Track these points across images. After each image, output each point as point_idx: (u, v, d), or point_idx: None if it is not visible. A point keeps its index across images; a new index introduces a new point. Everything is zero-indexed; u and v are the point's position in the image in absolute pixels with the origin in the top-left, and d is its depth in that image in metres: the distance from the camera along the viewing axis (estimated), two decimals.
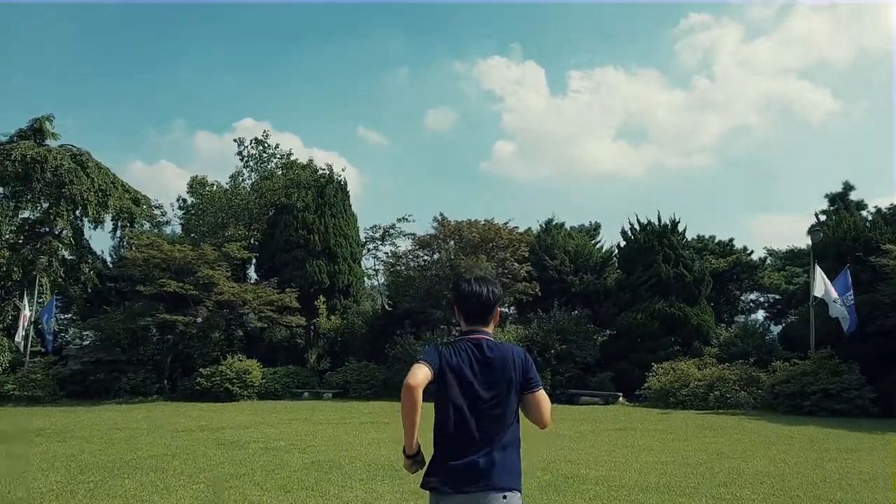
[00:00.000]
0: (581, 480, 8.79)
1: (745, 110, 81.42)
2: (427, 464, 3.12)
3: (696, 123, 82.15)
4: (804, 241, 36.93)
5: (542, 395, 3.21)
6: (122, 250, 27.24)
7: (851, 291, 19.23)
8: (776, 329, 26.24)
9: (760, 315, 36.73)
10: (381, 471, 9.37)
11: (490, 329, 3.29)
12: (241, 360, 25.16)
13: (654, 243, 25.58)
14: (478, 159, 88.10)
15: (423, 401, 2.95)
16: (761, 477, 9.05)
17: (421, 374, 3.00)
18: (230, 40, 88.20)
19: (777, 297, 35.30)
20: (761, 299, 37.31)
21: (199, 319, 25.59)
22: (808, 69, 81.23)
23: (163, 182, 73.07)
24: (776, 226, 73.21)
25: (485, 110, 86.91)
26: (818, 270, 20.06)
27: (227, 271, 26.27)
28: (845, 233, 22.20)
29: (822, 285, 19.82)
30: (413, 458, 3.10)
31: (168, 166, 77.41)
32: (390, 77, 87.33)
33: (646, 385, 22.08)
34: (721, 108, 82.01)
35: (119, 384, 24.70)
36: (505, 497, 2.96)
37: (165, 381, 26.31)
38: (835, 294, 19.44)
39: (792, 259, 36.52)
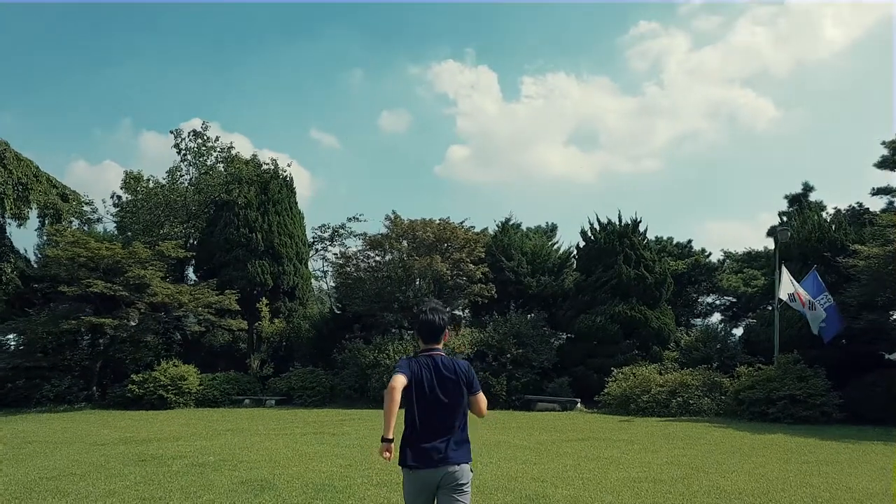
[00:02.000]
0: (549, 501, 7.87)
1: (694, 116, 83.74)
2: (401, 449, 4.14)
3: (646, 129, 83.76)
4: (761, 244, 37.13)
5: (481, 396, 4.35)
6: (47, 249, 25.39)
7: (826, 293, 18.83)
8: (737, 332, 25.78)
9: (716, 318, 36.67)
10: (320, 492, 8.31)
11: (440, 346, 4.37)
12: (176, 366, 23.77)
13: (615, 243, 24.94)
14: (432, 163, 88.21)
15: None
16: (745, 496, 8.25)
17: (401, 381, 3.98)
18: (181, 40, 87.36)
19: (733, 299, 35.20)
20: (717, 302, 37.21)
21: (132, 323, 24.06)
22: (751, 78, 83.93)
23: (106, 181, 71.90)
24: (725, 231, 75.06)
25: (439, 114, 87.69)
26: (785, 272, 19.61)
27: (160, 271, 24.77)
28: (810, 233, 21.86)
29: (788, 287, 19.38)
30: (388, 443, 3.98)
31: (112, 166, 75.53)
32: (345, 79, 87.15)
33: (605, 391, 21.40)
34: (670, 115, 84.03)
35: (41, 392, 23.05)
36: (460, 466, 4.13)
37: (94, 388, 24.73)
38: (805, 296, 18.99)
39: (749, 262, 36.49)
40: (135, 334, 24.46)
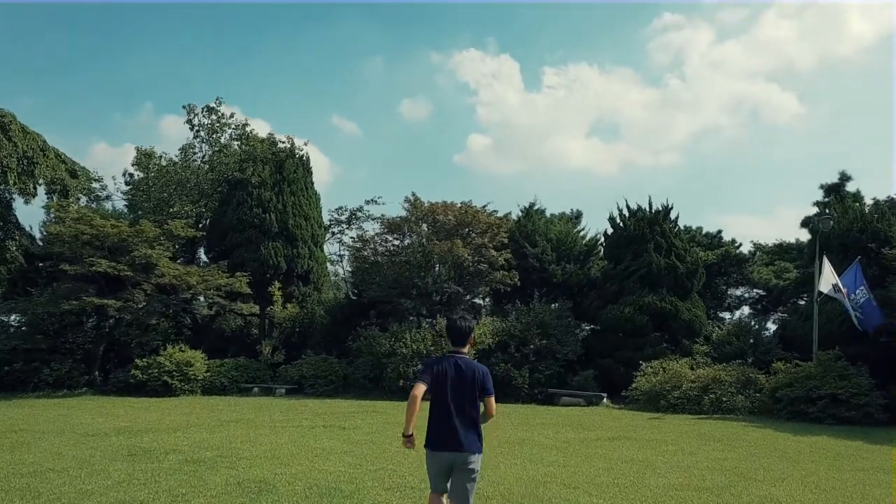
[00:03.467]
0: None
1: (715, 111, 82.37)
2: (427, 432, 5.14)
3: (667, 122, 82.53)
4: (793, 236, 35.90)
5: (491, 399, 5.15)
6: (51, 225, 24.73)
7: (865, 286, 17.73)
8: (770, 327, 24.66)
9: (744, 312, 35.50)
10: (325, 496, 7.48)
11: (466, 350, 5.27)
12: (182, 351, 23.06)
13: (645, 231, 23.90)
14: (452, 151, 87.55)
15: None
16: None
17: (421, 389, 4.97)
18: (204, 26, 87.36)
19: (762, 293, 34.00)
20: (746, 295, 36.00)
21: (141, 304, 23.33)
22: (775, 73, 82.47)
23: (125, 164, 71.36)
24: (743, 227, 73.70)
25: (460, 103, 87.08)
26: (827, 263, 18.49)
27: (169, 251, 24.07)
28: (851, 223, 20.70)
29: (830, 279, 18.28)
30: (409, 437, 5.14)
31: (132, 149, 74.90)
32: (366, 66, 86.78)
33: (633, 386, 20.45)
34: (691, 108, 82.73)
35: (40, 376, 22.45)
36: (472, 454, 5.04)
37: (97, 373, 24.10)
38: (845, 291, 17.90)
39: (780, 254, 35.27)
40: (140, 317, 23.78)
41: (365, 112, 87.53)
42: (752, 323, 23.28)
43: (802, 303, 30.36)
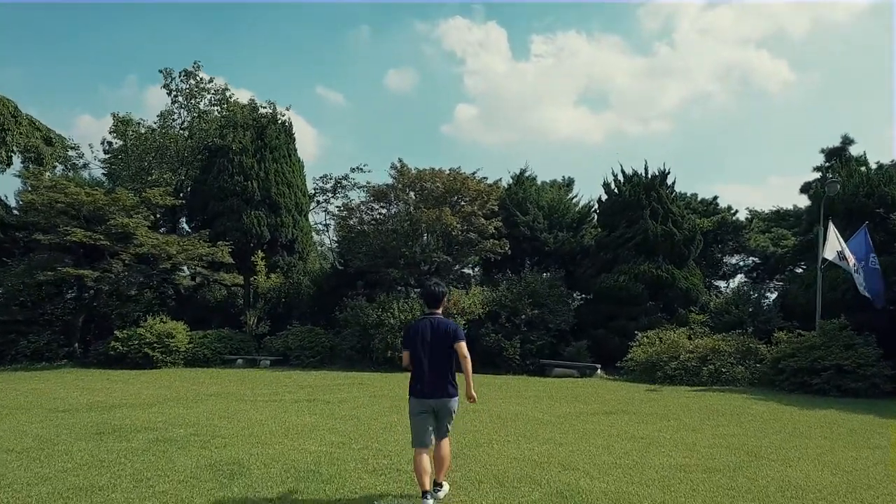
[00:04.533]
0: (585, 498, 6.39)
1: (705, 78, 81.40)
2: (410, 382, 6.15)
3: (656, 90, 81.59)
4: (789, 202, 35.32)
5: (462, 344, 6.03)
6: (24, 194, 23.85)
7: (873, 254, 17.18)
8: (770, 296, 24.11)
9: (739, 280, 35.09)
10: (303, 480, 6.86)
11: (439, 310, 6.32)
12: (163, 322, 22.38)
13: (641, 197, 23.25)
14: (439, 122, 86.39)
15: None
16: (826, 494, 6.79)
17: (406, 356, 6.19)
18: None
19: (757, 260, 33.54)
20: (741, 263, 35.54)
21: (120, 275, 22.57)
22: (765, 39, 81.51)
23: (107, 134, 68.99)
24: (734, 195, 73.18)
25: (447, 72, 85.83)
26: (832, 229, 17.91)
27: (147, 220, 23.26)
28: (857, 187, 20.09)
29: (835, 245, 17.71)
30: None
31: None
32: (351, 36, 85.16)
33: (629, 356, 19.90)
34: (681, 75, 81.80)
35: (17, 348, 21.76)
36: (453, 399, 6.06)
37: (77, 345, 23.41)
38: (852, 258, 17.34)
39: (777, 221, 34.78)
40: (119, 287, 23.05)
41: (350, 82, 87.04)
42: (752, 291, 22.68)
43: (800, 271, 29.98)
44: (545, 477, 7.18)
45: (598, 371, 20.39)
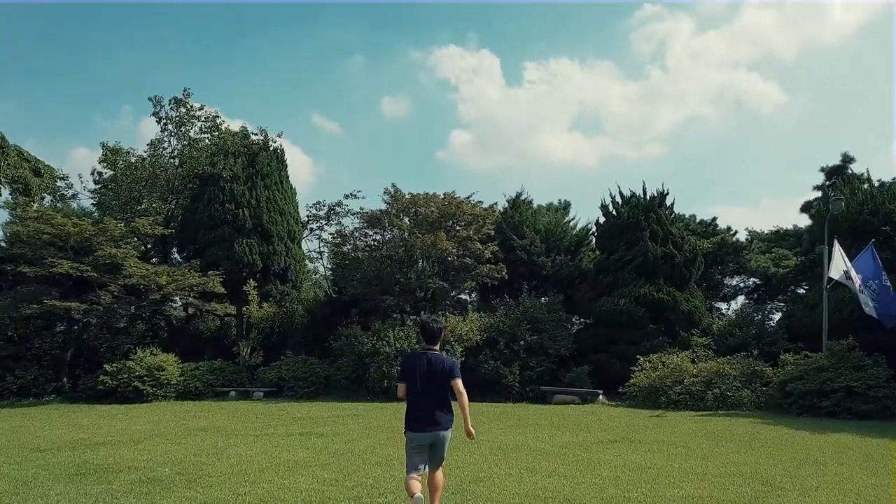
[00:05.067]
0: None
1: (698, 102, 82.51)
2: (406, 419, 6.16)
3: (650, 114, 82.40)
4: (791, 222, 35.09)
5: (457, 381, 6.04)
6: (10, 226, 23.46)
7: (883, 272, 16.84)
8: (774, 317, 23.75)
9: (740, 302, 34.75)
10: None
11: (437, 346, 6.28)
12: (154, 355, 21.92)
13: (640, 218, 22.96)
14: (434, 148, 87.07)
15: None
16: None
17: (402, 388, 6.23)
18: (182, 27, 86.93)
19: (758, 281, 33.21)
20: (741, 285, 35.21)
21: (112, 306, 22.08)
22: (756, 62, 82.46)
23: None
24: (729, 217, 73.53)
25: (441, 99, 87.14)
26: (837, 248, 17.60)
27: (136, 251, 22.89)
28: (861, 205, 19.82)
29: (840, 265, 17.39)
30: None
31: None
32: (346, 64, 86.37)
33: (631, 381, 19.49)
34: (674, 99, 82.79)
35: (3, 384, 21.25)
36: (447, 431, 6.07)
37: (65, 380, 22.90)
38: (857, 278, 17.00)
39: (777, 241, 34.49)
40: (107, 319, 22.59)
41: (346, 111, 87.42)
42: (755, 313, 22.31)
43: (802, 291, 29.63)
44: None
45: (600, 397, 19.95)
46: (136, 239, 23.41)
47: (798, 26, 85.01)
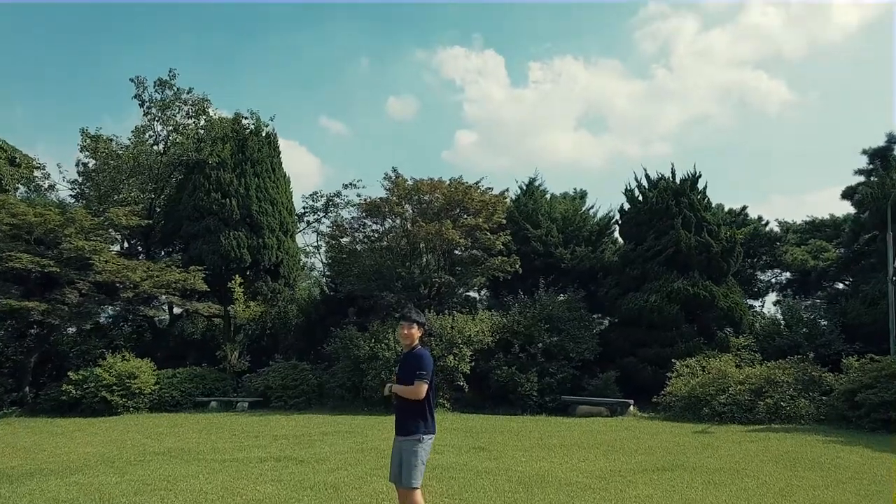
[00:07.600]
0: None
1: (703, 100, 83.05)
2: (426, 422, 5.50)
3: (655, 112, 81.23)
4: (826, 211, 32.79)
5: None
6: None
7: None
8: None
9: (772, 298, 32.62)
10: None
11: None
12: (126, 360, 19.84)
13: (670, 203, 20.79)
14: (440, 148, 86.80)
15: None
16: None
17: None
18: (191, 29, 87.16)
19: (789, 275, 30.97)
20: (774, 280, 32.96)
21: (80, 306, 20.04)
22: (763, 60, 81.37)
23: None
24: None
25: (446, 100, 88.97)
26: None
27: (110, 244, 20.84)
28: None
29: None
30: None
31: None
32: (352, 65, 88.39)
33: (667, 389, 17.31)
34: (679, 98, 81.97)
35: None
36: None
37: (27, 389, 20.82)
38: None
39: (812, 231, 32.24)
40: (72, 321, 20.52)
41: (352, 111, 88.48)
42: (808, 310, 20.04)
43: (841, 286, 27.36)
44: None
45: (631, 408, 17.76)
46: (111, 232, 21.37)
47: (804, 23, 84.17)
